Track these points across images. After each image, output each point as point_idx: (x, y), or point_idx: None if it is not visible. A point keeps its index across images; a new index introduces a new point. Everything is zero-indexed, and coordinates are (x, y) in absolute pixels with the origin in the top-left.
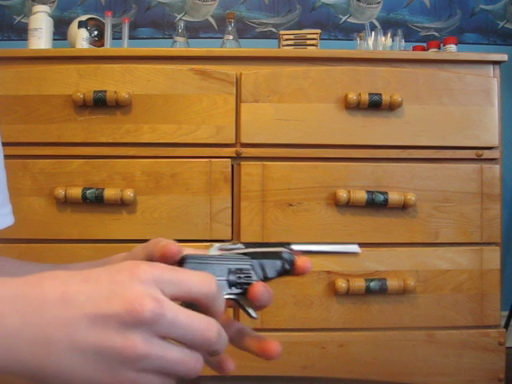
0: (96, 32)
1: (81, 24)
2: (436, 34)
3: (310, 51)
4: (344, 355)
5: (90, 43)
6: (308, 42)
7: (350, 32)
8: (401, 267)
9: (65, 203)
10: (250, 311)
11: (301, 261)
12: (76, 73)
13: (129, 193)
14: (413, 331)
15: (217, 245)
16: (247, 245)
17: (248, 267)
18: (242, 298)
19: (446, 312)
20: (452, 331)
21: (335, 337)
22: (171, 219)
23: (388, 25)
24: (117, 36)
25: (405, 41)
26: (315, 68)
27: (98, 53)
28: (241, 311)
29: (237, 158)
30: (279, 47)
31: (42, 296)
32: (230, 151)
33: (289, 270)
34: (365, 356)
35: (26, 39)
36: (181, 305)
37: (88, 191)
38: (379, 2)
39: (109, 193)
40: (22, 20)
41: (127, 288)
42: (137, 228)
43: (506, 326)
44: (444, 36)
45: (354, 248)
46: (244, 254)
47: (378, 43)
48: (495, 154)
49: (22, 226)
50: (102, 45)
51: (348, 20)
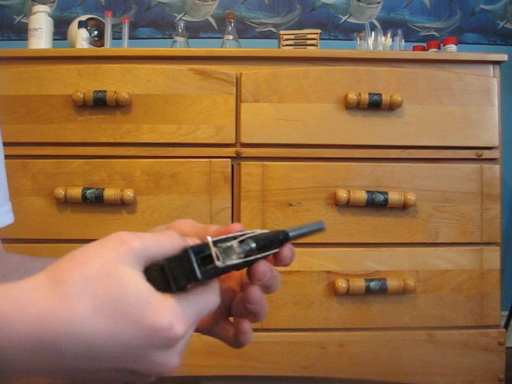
0: (96, 32)
1: (81, 24)
2: (436, 34)
3: (310, 51)
4: (344, 355)
5: (90, 43)
6: (308, 42)
7: (350, 32)
8: (401, 267)
9: (65, 203)
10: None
11: (284, 248)
12: (76, 73)
13: (129, 193)
14: (413, 331)
15: (215, 250)
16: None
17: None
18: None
19: (446, 312)
20: (452, 331)
21: (335, 337)
22: (171, 219)
23: (388, 25)
24: (117, 36)
25: (405, 41)
26: (315, 68)
27: (98, 53)
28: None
29: (237, 158)
30: (279, 47)
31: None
32: (230, 151)
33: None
34: (365, 356)
35: (26, 39)
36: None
37: (88, 191)
38: (379, 2)
39: (109, 193)
40: (22, 20)
41: (157, 355)
42: (137, 228)
43: (506, 326)
44: (444, 36)
45: (321, 225)
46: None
47: (378, 43)
48: (495, 154)
49: (22, 226)
50: (102, 45)
51: (348, 20)
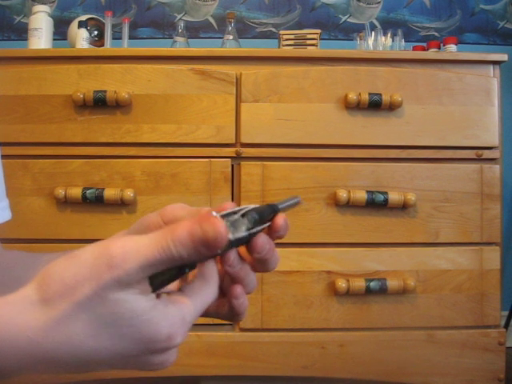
0: (96, 32)
1: (81, 24)
2: (436, 34)
3: (310, 51)
4: (344, 355)
5: (90, 43)
6: (308, 42)
7: (350, 32)
8: (401, 267)
9: (65, 203)
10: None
11: (278, 217)
12: (76, 73)
13: (129, 193)
14: (413, 331)
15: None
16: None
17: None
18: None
19: (446, 312)
20: (452, 331)
21: (335, 337)
22: None
23: (388, 25)
24: (117, 36)
25: (405, 41)
26: (315, 68)
27: (98, 53)
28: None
29: (237, 158)
30: (279, 47)
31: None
32: (230, 151)
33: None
34: (365, 356)
35: (26, 39)
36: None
37: (88, 191)
38: (379, 2)
39: (109, 193)
40: (22, 20)
41: (155, 358)
42: None
43: (506, 326)
44: (444, 36)
45: (297, 199)
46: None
47: (378, 43)
48: (495, 154)
49: (22, 226)
50: (102, 45)
51: (348, 20)
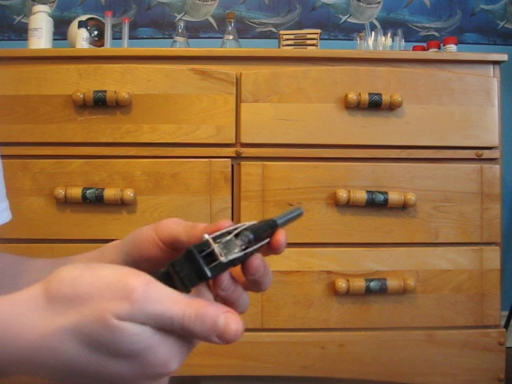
0: (96, 32)
1: (81, 24)
2: (436, 34)
3: (310, 51)
4: (344, 355)
5: (90, 43)
6: (308, 42)
7: (350, 32)
8: (401, 267)
9: (65, 203)
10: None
11: (278, 234)
12: (76, 73)
13: (129, 193)
14: (413, 331)
15: (217, 247)
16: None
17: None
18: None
19: (446, 312)
20: (452, 331)
21: (335, 337)
22: None
23: (388, 25)
24: (117, 36)
25: (405, 41)
26: (315, 68)
27: (98, 53)
28: None
29: (237, 158)
30: (279, 47)
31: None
32: (230, 151)
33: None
34: (365, 356)
35: (26, 39)
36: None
37: (88, 191)
38: (379, 2)
39: (109, 193)
40: (22, 20)
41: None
42: (137, 228)
43: (506, 326)
44: (444, 36)
45: (299, 210)
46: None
47: (378, 43)
48: (495, 154)
49: (22, 226)
50: (102, 45)
51: (348, 20)
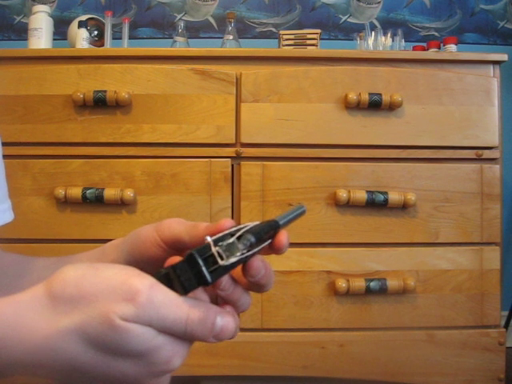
0: (96, 32)
1: (81, 24)
2: (436, 34)
3: (310, 51)
4: (344, 355)
5: (90, 43)
6: (308, 42)
7: (350, 32)
8: (401, 267)
9: (65, 203)
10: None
11: (280, 235)
12: (76, 73)
13: (129, 193)
14: (413, 331)
15: (217, 250)
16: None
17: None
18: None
19: (446, 312)
20: (452, 331)
21: (335, 337)
22: None
23: (388, 25)
24: (117, 36)
25: (405, 41)
26: (315, 68)
27: (98, 53)
28: None
29: (237, 158)
30: (279, 47)
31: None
32: (230, 151)
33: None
34: (365, 356)
35: (26, 39)
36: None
37: (88, 191)
38: (379, 2)
39: (109, 193)
40: (22, 20)
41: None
42: (137, 228)
43: (506, 326)
44: (444, 36)
45: (301, 208)
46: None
47: (378, 43)
48: (495, 154)
49: (22, 226)
50: (102, 45)
51: (348, 20)
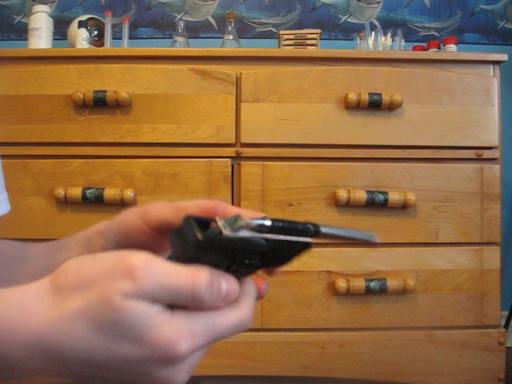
0: (96, 32)
1: (81, 24)
2: (436, 34)
3: (310, 51)
4: (344, 355)
5: (90, 43)
6: (308, 42)
7: (350, 32)
8: (401, 267)
9: (65, 203)
10: None
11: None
12: (76, 73)
13: (129, 193)
14: (413, 331)
15: (222, 222)
16: (277, 222)
17: (258, 256)
18: None
19: (446, 312)
20: (452, 331)
21: (335, 337)
22: None
23: (388, 25)
24: (117, 36)
25: (405, 41)
26: (315, 68)
27: (98, 53)
28: None
29: (237, 158)
30: (279, 47)
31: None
32: (230, 151)
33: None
34: (365, 356)
35: (26, 39)
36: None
37: (88, 191)
38: (379, 2)
39: (109, 193)
40: (22, 20)
41: (161, 372)
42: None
43: (506, 326)
44: (444, 36)
45: (372, 237)
46: (265, 240)
47: (378, 43)
48: (495, 154)
49: (22, 226)
50: (102, 45)
51: (348, 20)
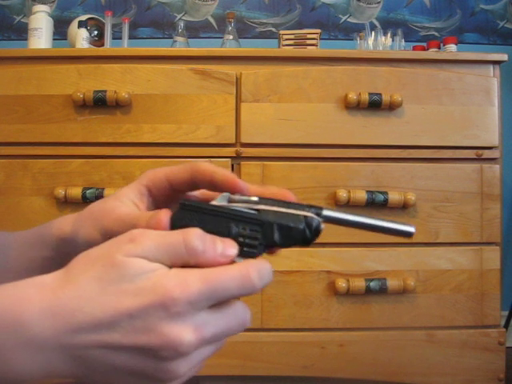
0: (96, 32)
1: (81, 24)
2: (436, 34)
3: (310, 51)
4: (344, 355)
5: (90, 43)
6: (308, 42)
7: (350, 32)
8: (401, 267)
9: (65, 203)
10: None
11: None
12: (76, 73)
13: None
14: (413, 331)
15: (225, 194)
16: (264, 200)
17: (256, 228)
18: None
19: (446, 312)
20: (452, 331)
21: (335, 337)
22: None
23: (388, 25)
24: (117, 36)
25: (405, 41)
26: (315, 68)
27: (98, 53)
28: None
29: (237, 158)
30: (279, 47)
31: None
32: (230, 151)
33: (309, 240)
34: (365, 356)
35: (26, 39)
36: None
37: (88, 191)
38: (379, 2)
39: (109, 193)
40: (22, 20)
41: (164, 325)
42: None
43: (506, 326)
44: (444, 36)
45: (408, 228)
46: (257, 211)
47: (378, 43)
48: (495, 154)
49: (22, 226)
50: (102, 45)
51: (348, 20)
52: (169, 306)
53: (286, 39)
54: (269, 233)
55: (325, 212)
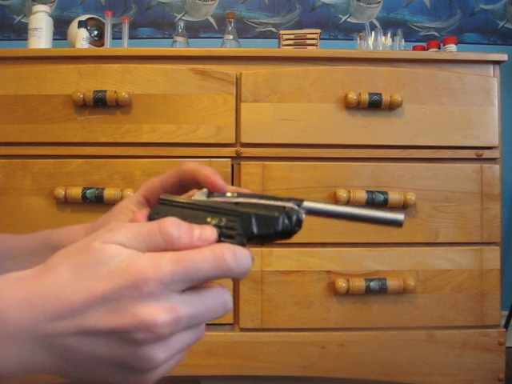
0: (96, 32)
1: (81, 24)
2: (436, 34)
3: (310, 51)
4: (344, 355)
5: (90, 43)
6: (308, 42)
7: (350, 32)
8: (401, 267)
9: (65, 203)
10: None
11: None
12: (76, 73)
13: (129, 193)
14: (413, 331)
15: (204, 190)
16: (244, 195)
17: (233, 219)
18: None
19: (446, 312)
20: (452, 331)
21: (335, 337)
22: None
23: (388, 25)
24: (117, 36)
25: (405, 41)
26: (315, 68)
27: (98, 53)
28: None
29: (237, 158)
30: (279, 47)
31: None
32: (230, 151)
33: (291, 231)
34: (365, 356)
35: (26, 39)
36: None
37: (88, 191)
38: (379, 2)
39: (109, 193)
40: (22, 20)
41: (136, 306)
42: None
43: (506, 326)
44: (444, 36)
45: (397, 217)
46: (235, 204)
47: (378, 43)
48: (495, 154)
49: (22, 226)
50: (102, 45)
51: (348, 20)
52: (141, 287)
53: (286, 39)
54: (247, 223)
55: (305, 203)
